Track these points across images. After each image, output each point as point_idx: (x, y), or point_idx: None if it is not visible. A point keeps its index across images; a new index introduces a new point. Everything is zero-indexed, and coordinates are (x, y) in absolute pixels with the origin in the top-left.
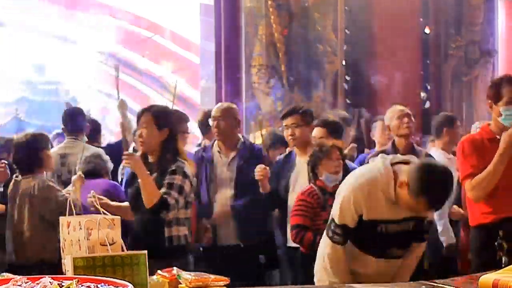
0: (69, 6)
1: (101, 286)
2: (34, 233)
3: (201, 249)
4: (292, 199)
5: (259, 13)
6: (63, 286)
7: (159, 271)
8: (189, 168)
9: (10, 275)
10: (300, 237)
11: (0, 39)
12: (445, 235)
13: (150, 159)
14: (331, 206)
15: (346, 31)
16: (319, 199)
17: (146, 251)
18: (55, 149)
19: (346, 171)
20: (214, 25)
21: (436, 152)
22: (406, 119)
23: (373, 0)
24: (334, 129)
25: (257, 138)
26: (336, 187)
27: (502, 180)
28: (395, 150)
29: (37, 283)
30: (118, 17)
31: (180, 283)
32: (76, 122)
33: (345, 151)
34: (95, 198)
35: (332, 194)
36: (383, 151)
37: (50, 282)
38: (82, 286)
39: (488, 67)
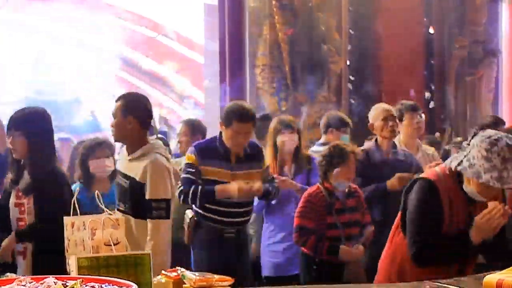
0: (72, 7)
1: (105, 286)
2: None
3: None
4: None
5: (263, 13)
6: (67, 286)
7: (163, 271)
8: None
9: (13, 275)
10: (303, 241)
11: (3, 39)
12: None
13: None
14: (337, 211)
15: (350, 31)
16: (325, 201)
17: (150, 251)
18: None
19: None
20: (218, 25)
21: None
22: (391, 122)
23: (377, 0)
24: None
25: None
26: (344, 191)
27: None
28: (378, 148)
29: (41, 283)
30: (122, 17)
31: (184, 283)
32: None
33: None
34: (99, 198)
35: (339, 198)
36: (366, 150)
37: (54, 282)
38: (86, 286)
39: (492, 67)
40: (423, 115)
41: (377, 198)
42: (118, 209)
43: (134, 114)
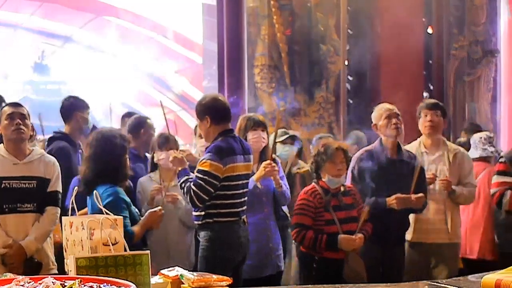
0: (72, 6)
1: (104, 286)
2: None
3: None
4: None
5: (261, 13)
6: (65, 286)
7: (161, 271)
8: None
9: (12, 275)
10: (301, 237)
11: (3, 39)
12: None
13: None
14: (334, 207)
15: (349, 31)
16: (321, 199)
17: (148, 251)
18: None
19: None
20: (217, 25)
21: None
22: (394, 120)
23: (376, 0)
24: None
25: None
26: (338, 188)
27: None
28: (383, 148)
29: (39, 283)
30: (121, 17)
31: (183, 283)
32: None
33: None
34: (97, 199)
35: (335, 195)
36: (371, 150)
37: (52, 282)
38: (84, 286)
39: (491, 67)
40: (439, 112)
41: (376, 213)
42: None
43: None
